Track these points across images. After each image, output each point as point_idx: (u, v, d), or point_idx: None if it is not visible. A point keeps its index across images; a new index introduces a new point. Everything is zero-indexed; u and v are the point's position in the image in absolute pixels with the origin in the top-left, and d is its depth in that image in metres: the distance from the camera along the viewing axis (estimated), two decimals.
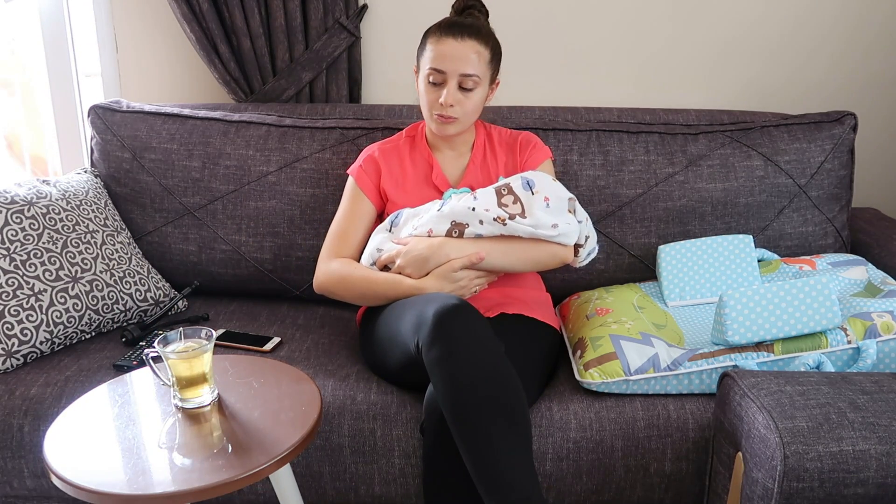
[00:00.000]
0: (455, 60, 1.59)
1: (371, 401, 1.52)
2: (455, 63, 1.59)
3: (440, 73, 1.60)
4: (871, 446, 1.17)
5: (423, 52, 1.65)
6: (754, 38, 2.21)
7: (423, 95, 1.65)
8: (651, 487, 1.50)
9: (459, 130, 1.67)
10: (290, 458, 1.18)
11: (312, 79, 2.16)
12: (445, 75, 1.60)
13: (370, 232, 1.74)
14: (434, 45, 1.61)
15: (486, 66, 1.63)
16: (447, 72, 1.59)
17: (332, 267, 1.67)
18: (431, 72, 1.61)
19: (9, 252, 1.65)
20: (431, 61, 1.61)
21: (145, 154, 1.97)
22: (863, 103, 2.27)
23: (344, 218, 1.74)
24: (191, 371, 1.27)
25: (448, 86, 1.61)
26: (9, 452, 1.53)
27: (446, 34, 1.60)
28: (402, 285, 1.56)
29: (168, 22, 2.24)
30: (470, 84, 1.61)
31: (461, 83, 1.61)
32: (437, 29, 1.63)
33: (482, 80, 1.62)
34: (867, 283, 1.69)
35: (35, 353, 1.64)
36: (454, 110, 1.62)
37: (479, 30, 1.62)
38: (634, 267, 1.94)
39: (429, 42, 1.63)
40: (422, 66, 1.65)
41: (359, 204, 1.74)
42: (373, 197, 1.74)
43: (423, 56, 1.64)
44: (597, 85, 2.26)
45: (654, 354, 1.52)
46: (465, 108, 1.63)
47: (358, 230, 1.73)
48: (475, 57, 1.60)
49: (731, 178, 1.91)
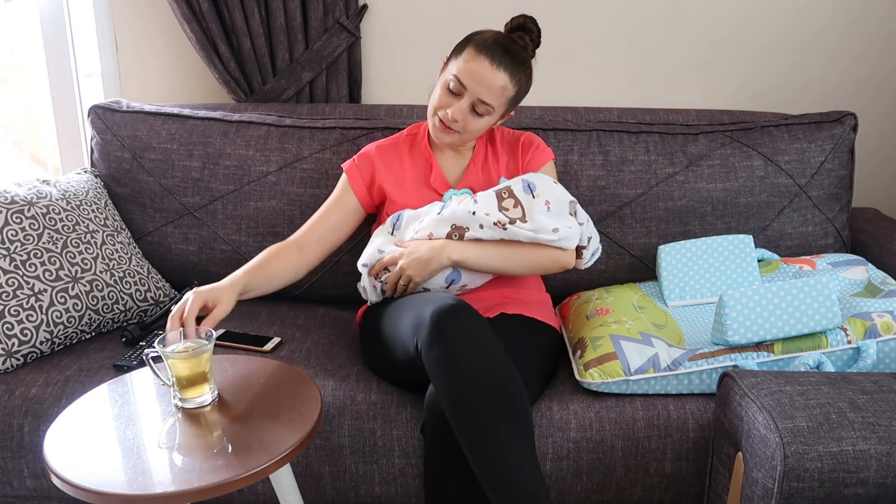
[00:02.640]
0: (479, 84, 1.57)
1: (371, 401, 1.52)
2: (478, 87, 1.57)
3: (461, 85, 1.58)
4: (871, 446, 1.17)
5: (457, 56, 1.60)
6: (755, 38, 2.21)
7: (436, 95, 1.63)
8: (651, 487, 1.50)
9: (455, 143, 1.67)
10: (290, 458, 1.18)
11: (312, 79, 2.16)
12: (464, 91, 1.59)
13: (349, 227, 1.74)
14: (468, 58, 1.57)
15: (506, 102, 1.62)
16: (467, 89, 1.58)
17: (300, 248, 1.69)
18: (454, 80, 1.59)
19: (9, 252, 1.65)
20: (458, 71, 1.58)
21: (145, 154, 1.97)
22: (863, 103, 2.27)
23: (323, 206, 1.74)
24: (191, 371, 1.27)
25: (461, 102, 1.59)
26: (9, 452, 1.53)
27: (485, 53, 1.56)
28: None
29: (168, 22, 2.24)
30: (482, 110, 1.60)
31: (474, 105, 1.60)
32: (482, 42, 1.58)
33: (496, 111, 1.62)
34: (867, 283, 1.69)
35: (35, 353, 1.64)
36: (456, 125, 1.62)
37: (518, 64, 1.59)
38: (634, 267, 1.94)
39: (466, 51, 1.58)
40: (449, 67, 1.62)
41: (342, 195, 1.74)
42: (360, 193, 1.74)
43: (455, 61, 1.60)
44: (597, 85, 2.26)
45: (654, 354, 1.52)
46: (468, 128, 1.62)
47: (331, 219, 1.72)
48: (499, 90, 1.58)
49: (731, 178, 1.91)
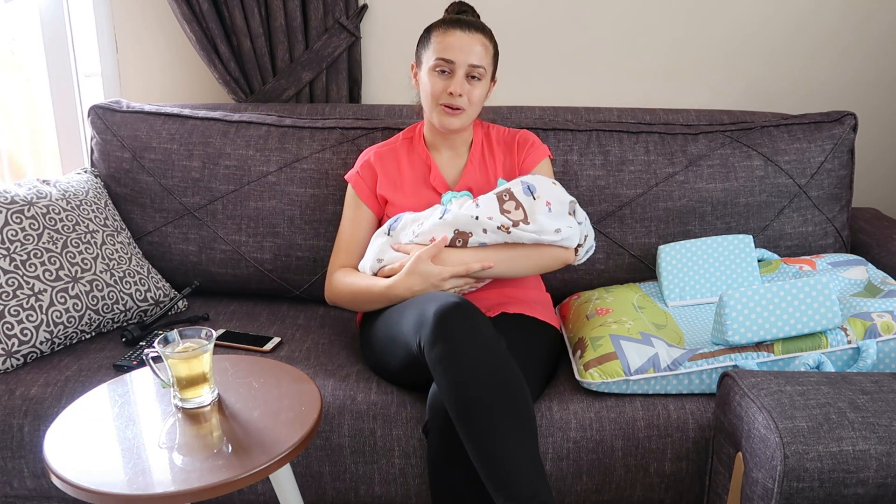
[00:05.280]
0: (464, 51, 1.61)
1: (371, 401, 1.52)
2: (464, 53, 1.61)
3: (448, 62, 1.61)
4: (871, 446, 1.17)
5: (426, 46, 1.66)
6: (754, 38, 2.21)
7: (428, 86, 1.65)
8: (651, 487, 1.50)
9: (463, 124, 1.68)
10: (290, 458, 1.18)
11: (312, 79, 2.16)
12: (454, 65, 1.61)
13: (371, 235, 1.75)
14: (441, 37, 1.62)
15: (490, 60, 1.66)
16: (456, 62, 1.61)
17: (333, 281, 1.71)
18: (439, 62, 1.62)
19: (9, 252, 1.65)
20: (439, 52, 1.62)
21: (145, 154, 1.97)
22: (863, 103, 2.27)
23: (345, 228, 1.76)
24: (191, 371, 1.27)
25: (456, 76, 1.62)
26: (9, 452, 1.53)
27: (453, 27, 1.63)
28: (373, 290, 1.60)
29: (168, 22, 2.24)
30: (477, 74, 1.63)
31: (469, 73, 1.63)
32: (443, 23, 1.65)
33: (486, 72, 1.65)
34: (867, 283, 1.69)
35: (35, 353, 1.64)
36: (462, 100, 1.63)
37: (482, 26, 1.66)
38: (634, 267, 1.94)
39: (434, 35, 1.64)
40: (425, 59, 1.66)
41: (358, 212, 1.76)
42: (370, 203, 1.75)
43: (428, 49, 1.65)
44: (597, 85, 2.26)
45: (654, 354, 1.52)
46: (472, 98, 1.65)
47: (360, 238, 1.75)
48: (482, 49, 1.63)
49: (731, 178, 1.91)
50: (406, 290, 1.54)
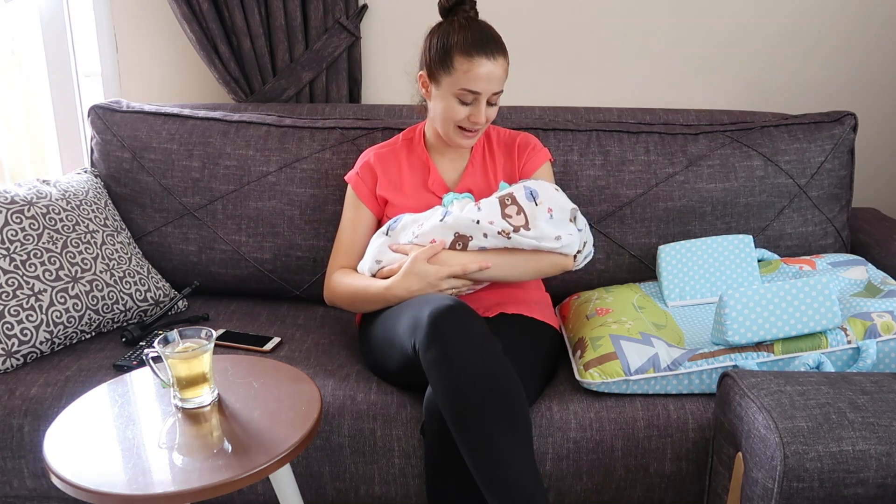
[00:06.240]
0: (490, 81, 1.58)
1: (371, 401, 1.52)
2: (490, 84, 1.58)
3: (474, 93, 1.58)
4: (871, 446, 1.17)
5: (447, 69, 1.57)
6: (754, 38, 2.21)
7: (448, 111, 1.61)
8: (651, 487, 1.50)
9: (476, 141, 1.69)
10: (290, 458, 1.18)
11: (312, 79, 2.16)
12: (479, 95, 1.59)
13: (370, 236, 1.74)
14: (467, 65, 1.55)
15: (506, 76, 1.64)
16: (482, 93, 1.58)
17: (332, 281, 1.71)
18: (463, 93, 1.58)
19: (9, 252, 1.65)
20: (464, 83, 1.57)
21: (145, 154, 1.97)
22: (863, 103, 2.27)
23: (345, 228, 1.76)
24: (191, 371, 1.27)
25: (479, 104, 1.60)
26: (9, 452, 1.53)
27: (478, 53, 1.55)
28: (371, 291, 1.59)
29: (168, 22, 2.24)
30: (495, 100, 1.62)
31: (490, 100, 1.61)
32: (466, 46, 1.56)
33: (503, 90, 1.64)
34: (867, 283, 1.69)
35: (35, 353, 1.64)
36: (481, 125, 1.63)
37: (501, 45, 1.60)
38: (634, 267, 1.94)
39: (457, 61, 1.56)
40: (445, 82, 1.59)
41: (358, 213, 1.75)
42: (370, 204, 1.75)
43: (451, 74, 1.57)
44: (597, 85, 2.26)
45: (654, 354, 1.52)
46: (489, 118, 1.65)
47: (359, 239, 1.74)
48: (503, 74, 1.60)
49: (731, 178, 1.91)
50: (404, 291, 1.54)
